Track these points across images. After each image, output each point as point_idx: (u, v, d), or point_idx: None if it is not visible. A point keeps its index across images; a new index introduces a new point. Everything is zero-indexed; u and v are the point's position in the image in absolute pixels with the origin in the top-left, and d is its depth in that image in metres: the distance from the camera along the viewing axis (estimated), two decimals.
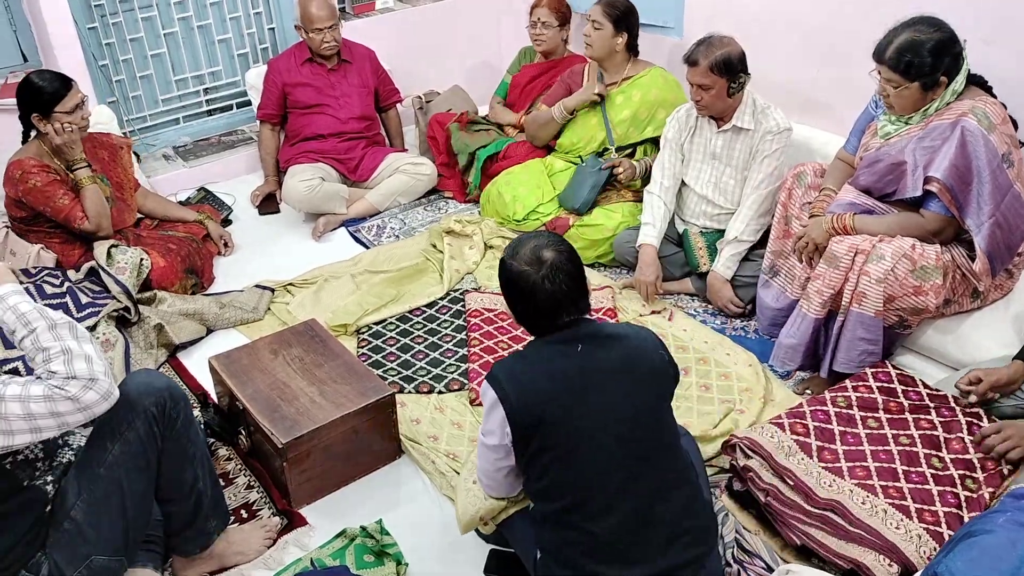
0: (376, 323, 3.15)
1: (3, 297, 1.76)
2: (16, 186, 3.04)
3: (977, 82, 2.52)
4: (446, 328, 3.12)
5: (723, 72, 2.90)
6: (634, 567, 1.75)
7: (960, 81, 2.45)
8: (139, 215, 3.52)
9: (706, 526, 1.85)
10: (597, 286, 3.28)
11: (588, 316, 1.86)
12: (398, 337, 3.08)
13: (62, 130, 3.02)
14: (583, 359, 1.78)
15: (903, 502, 2.06)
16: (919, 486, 2.11)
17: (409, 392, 2.78)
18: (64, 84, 3.00)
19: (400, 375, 2.87)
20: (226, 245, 3.66)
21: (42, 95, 2.98)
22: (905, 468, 2.16)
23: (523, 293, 1.80)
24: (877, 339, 2.53)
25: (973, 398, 2.30)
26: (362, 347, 3.02)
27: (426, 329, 3.12)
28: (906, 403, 2.36)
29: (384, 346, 3.03)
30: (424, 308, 3.24)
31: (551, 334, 1.83)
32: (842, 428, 2.29)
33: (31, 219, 3.15)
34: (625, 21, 3.45)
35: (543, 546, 1.84)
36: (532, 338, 1.89)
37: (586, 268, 3.46)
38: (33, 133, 3.09)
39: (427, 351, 3.00)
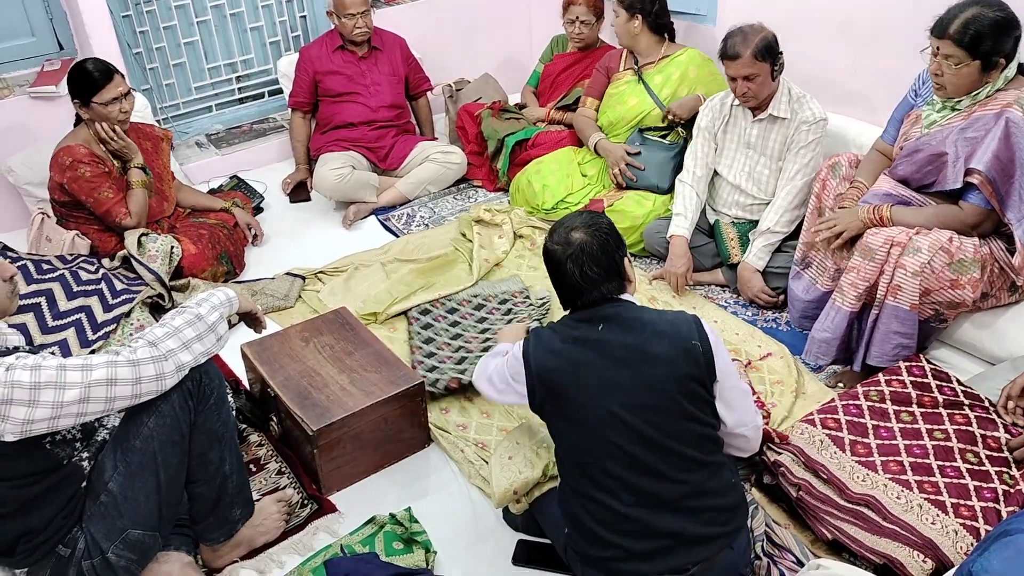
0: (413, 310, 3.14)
1: (215, 293, 1.99)
2: (63, 172, 3.06)
3: (1022, 72, 2.47)
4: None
5: (766, 57, 2.87)
6: (655, 539, 1.77)
7: (1013, 68, 2.40)
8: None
9: (732, 504, 1.85)
10: None
11: (625, 297, 1.89)
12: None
13: (113, 136, 3.07)
14: (600, 337, 1.82)
15: (939, 497, 2.03)
16: (955, 480, 2.08)
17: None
18: (104, 76, 3.02)
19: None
20: (256, 236, 3.65)
21: (82, 83, 3.01)
22: (940, 463, 2.13)
23: (553, 270, 1.89)
24: (912, 333, 2.50)
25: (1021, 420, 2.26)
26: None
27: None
28: (940, 398, 2.33)
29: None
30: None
31: (578, 310, 1.89)
32: (875, 422, 2.26)
33: (72, 205, 3.17)
34: (638, 4, 3.46)
35: (569, 513, 1.89)
36: None
37: None
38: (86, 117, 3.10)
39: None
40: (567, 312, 1.94)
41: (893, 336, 2.51)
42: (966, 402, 2.32)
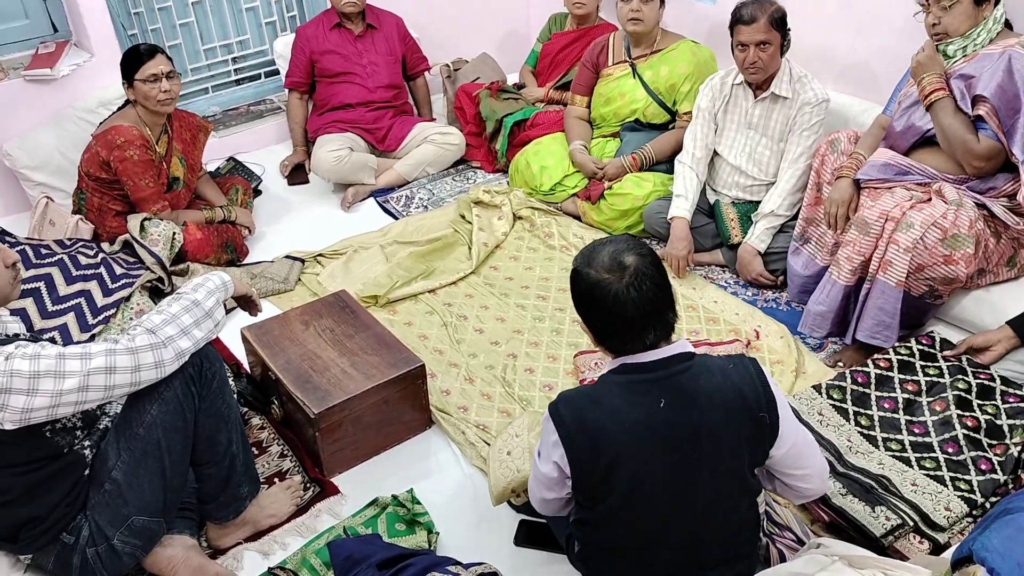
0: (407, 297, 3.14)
1: (210, 278, 1.97)
2: (112, 150, 3.05)
3: (1008, 27, 2.52)
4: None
5: (780, 27, 2.86)
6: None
7: (1000, 9, 2.44)
8: None
9: (749, 552, 1.76)
10: None
11: (687, 350, 1.60)
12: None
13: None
14: (663, 418, 1.54)
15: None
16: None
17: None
18: (147, 53, 3.05)
19: None
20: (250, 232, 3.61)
21: (126, 62, 3.05)
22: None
23: (604, 306, 1.55)
24: (894, 311, 2.50)
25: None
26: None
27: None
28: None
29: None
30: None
31: (632, 373, 1.58)
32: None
33: (110, 183, 3.15)
34: None
35: (586, 553, 1.77)
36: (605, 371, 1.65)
37: None
38: (134, 101, 3.11)
39: None
40: (610, 367, 1.63)
41: (876, 312, 2.52)
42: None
